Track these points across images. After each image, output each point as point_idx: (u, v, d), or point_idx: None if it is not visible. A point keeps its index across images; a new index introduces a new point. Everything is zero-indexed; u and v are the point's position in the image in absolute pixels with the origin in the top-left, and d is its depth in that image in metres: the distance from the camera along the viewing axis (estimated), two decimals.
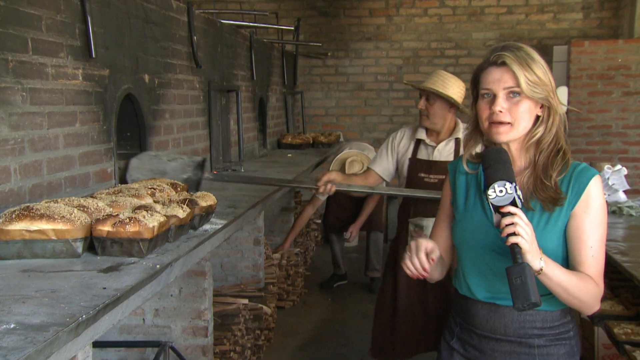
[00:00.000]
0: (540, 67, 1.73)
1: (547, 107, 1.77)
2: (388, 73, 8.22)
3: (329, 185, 3.31)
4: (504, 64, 1.73)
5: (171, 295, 3.16)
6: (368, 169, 3.63)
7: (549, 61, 7.71)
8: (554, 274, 1.63)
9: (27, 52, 2.59)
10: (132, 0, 3.48)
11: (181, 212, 2.42)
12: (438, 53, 8.14)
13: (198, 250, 2.46)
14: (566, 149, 1.79)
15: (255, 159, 5.93)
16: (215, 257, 4.49)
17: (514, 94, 1.73)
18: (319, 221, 7.05)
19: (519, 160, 1.81)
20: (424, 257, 1.73)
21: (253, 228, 4.52)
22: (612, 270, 3.44)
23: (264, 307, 4.36)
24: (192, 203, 2.58)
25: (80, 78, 2.97)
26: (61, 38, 2.81)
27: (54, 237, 2.09)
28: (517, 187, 1.61)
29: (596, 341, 3.44)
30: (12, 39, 2.48)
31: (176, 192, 2.84)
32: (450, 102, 3.34)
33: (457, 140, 3.41)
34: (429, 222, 3.32)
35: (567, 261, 1.76)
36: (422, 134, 3.45)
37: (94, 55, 3.00)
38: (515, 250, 1.57)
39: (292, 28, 7.22)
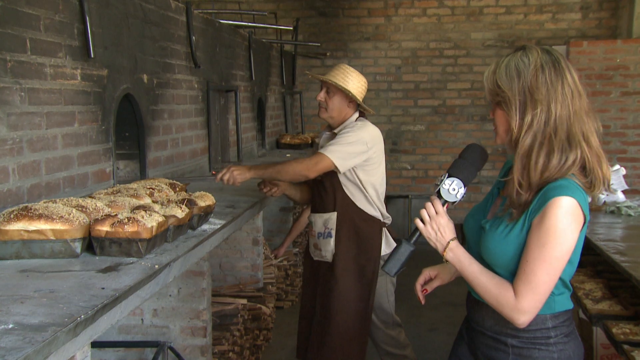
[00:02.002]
0: (506, 76, 1.75)
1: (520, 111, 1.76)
2: (387, 73, 8.22)
3: (274, 189, 3.39)
4: None
5: (170, 296, 3.16)
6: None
7: None
8: (460, 266, 1.79)
9: (26, 52, 2.58)
10: (130, 1, 3.48)
11: (180, 212, 2.42)
12: (437, 53, 8.15)
13: (197, 250, 2.46)
14: (553, 159, 1.72)
15: (254, 159, 5.93)
16: (214, 257, 4.49)
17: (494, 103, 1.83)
18: None
19: (515, 164, 1.80)
20: (419, 287, 2.08)
21: (252, 228, 4.52)
22: (611, 270, 3.45)
23: (263, 307, 4.36)
24: (190, 203, 2.58)
25: (79, 78, 2.96)
26: (60, 38, 2.81)
27: (52, 237, 2.09)
28: (452, 184, 1.78)
29: (595, 341, 3.45)
30: (10, 39, 2.48)
31: (175, 192, 2.84)
32: (349, 97, 3.30)
33: (333, 135, 3.35)
34: (316, 218, 3.39)
35: None
36: (327, 130, 3.48)
37: (92, 55, 3.00)
38: (414, 230, 1.84)
39: (291, 28, 7.22)
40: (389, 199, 8.02)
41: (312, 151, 3.57)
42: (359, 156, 3.22)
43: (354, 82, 3.31)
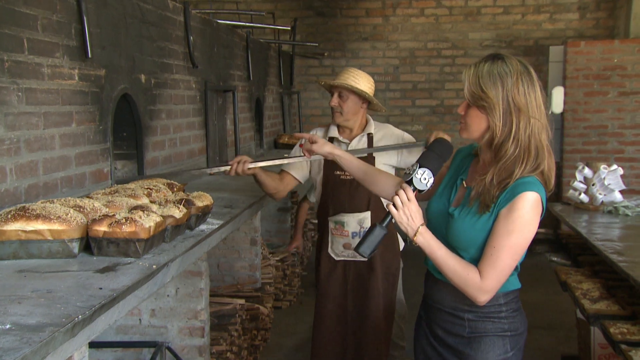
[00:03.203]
0: (490, 81, 1.89)
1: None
2: (385, 73, 8.22)
3: (241, 165, 3.11)
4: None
5: (167, 296, 3.16)
6: (282, 171, 3.46)
7: (545, 61, 7.72)
8: (429, 250, 1.92)
9: (23, 52, 2.58)
10: (128, 1, 3.47)
11: (177, 212, 2.42)
12: (435, 53, 8.15)
13: (194, 250, 2.46)
14: (527, 160, 1.90)
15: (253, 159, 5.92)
16: (211, 258, 4.49)
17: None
18: (316, 221, 7.04)
19: (484, 157, 2.02)
20: (306, 135, 2.51)
21: (250, 228, 4.52)
22: (609, 270, 3.45)
23: (261, 307, 4.36)
24: (188, 203, 2.58)
25: (77, 78, 2.96)
26: (57, 38, 2.80)
27: (50, 238, 2.08)
28: (424, 173, 1.92)
29: (592, 341, 3.45)
30: (7, 39, 2.48)
31: (172, 192, 2.84)
32: (362, 98, 3.34)
33: (369, 136, 3.40)
34: (349, 218, 3.35)
35: None
36: (334, 132, 3.44)
37: (90, 55, 3.00)
38: (386, 214, 1.94)
39: (289, 28, 7.21)
40: None
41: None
42: None
43: (365, 83, 3.34)
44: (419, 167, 1.95)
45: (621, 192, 4.05)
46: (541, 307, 5.42)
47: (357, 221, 3.34)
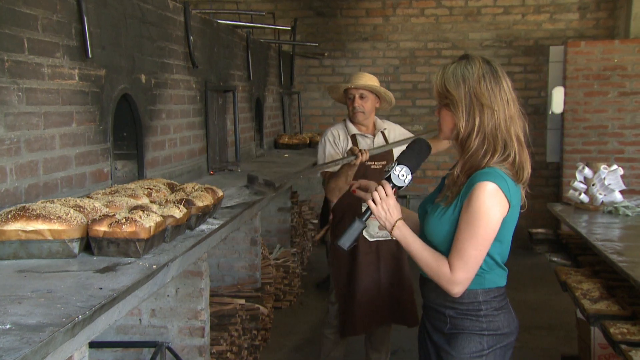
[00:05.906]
0: (453, 81, 1.98)
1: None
2: (385, 73, 8.22)
3: (365, 154, 3.51)
4: None
5: (168, 296, 3.16)
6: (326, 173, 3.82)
7: (545, 61, 7.70)
8: (405, 243, 2.02)
9: (23, 52, 2.58)
10: (128, 1, 3.47)
11: (178, 212, 2.42)
12: (435, 53, 8.15)
13: (194, 250, 2.46)
14: (493, 151, 1.97)
15: (252, 160, 5.93)
16: (211, 258, 4.49)
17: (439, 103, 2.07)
18: (316, 221, 7.04)
19: (457, 154, 2.10)
20: (356, 184, 2.25)
21: (250, 228, 4.52)
22: (609, 270, 3.45)
23: (261, 308, 4.36)
24: (188, 203, 2.58)
25: (77, 78, 2.96)
26: (57, 38, 2.80)
27: (50, 238, 2.09)
28: (403, 170, 2.00)
29: (592, 341, 3.45)
30: (8, 39, 2.48)
31: (172, 192, 2.84)
32: (376, 97, 3.80)
33: (383, 133, 3.87)
34: None
35: None
36: (354, 130, 3.83)
37: (90, 55, 3.00)
38: (366, 209, 2.04)
39: (289, 28, 7.22)
40: None
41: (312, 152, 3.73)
42: None
43: (378, 83, 3.82)
44: (397, 165, 2.03)
45: (621, 192, 4.05)
46: (541, 307, 5.42)
47: None
